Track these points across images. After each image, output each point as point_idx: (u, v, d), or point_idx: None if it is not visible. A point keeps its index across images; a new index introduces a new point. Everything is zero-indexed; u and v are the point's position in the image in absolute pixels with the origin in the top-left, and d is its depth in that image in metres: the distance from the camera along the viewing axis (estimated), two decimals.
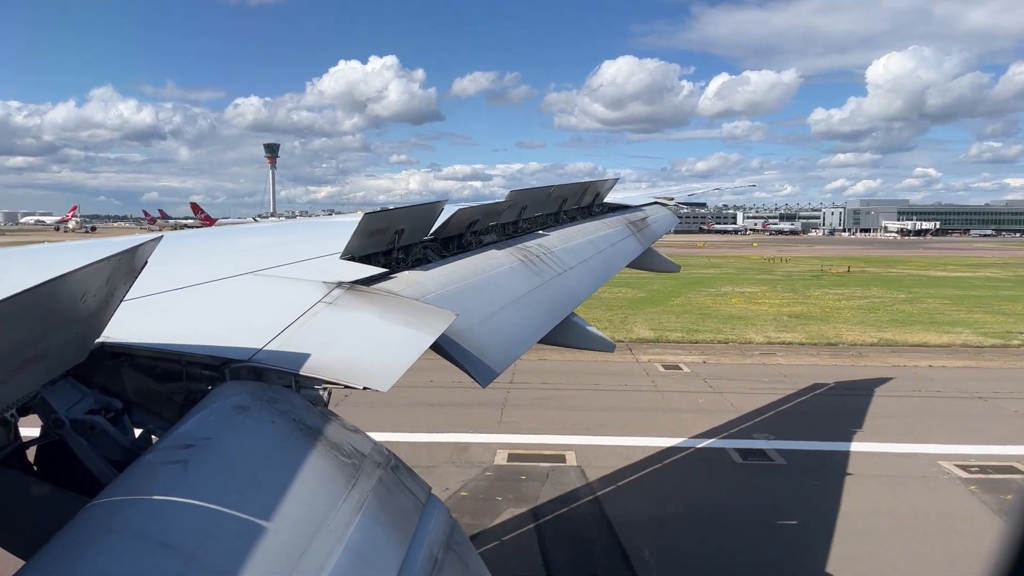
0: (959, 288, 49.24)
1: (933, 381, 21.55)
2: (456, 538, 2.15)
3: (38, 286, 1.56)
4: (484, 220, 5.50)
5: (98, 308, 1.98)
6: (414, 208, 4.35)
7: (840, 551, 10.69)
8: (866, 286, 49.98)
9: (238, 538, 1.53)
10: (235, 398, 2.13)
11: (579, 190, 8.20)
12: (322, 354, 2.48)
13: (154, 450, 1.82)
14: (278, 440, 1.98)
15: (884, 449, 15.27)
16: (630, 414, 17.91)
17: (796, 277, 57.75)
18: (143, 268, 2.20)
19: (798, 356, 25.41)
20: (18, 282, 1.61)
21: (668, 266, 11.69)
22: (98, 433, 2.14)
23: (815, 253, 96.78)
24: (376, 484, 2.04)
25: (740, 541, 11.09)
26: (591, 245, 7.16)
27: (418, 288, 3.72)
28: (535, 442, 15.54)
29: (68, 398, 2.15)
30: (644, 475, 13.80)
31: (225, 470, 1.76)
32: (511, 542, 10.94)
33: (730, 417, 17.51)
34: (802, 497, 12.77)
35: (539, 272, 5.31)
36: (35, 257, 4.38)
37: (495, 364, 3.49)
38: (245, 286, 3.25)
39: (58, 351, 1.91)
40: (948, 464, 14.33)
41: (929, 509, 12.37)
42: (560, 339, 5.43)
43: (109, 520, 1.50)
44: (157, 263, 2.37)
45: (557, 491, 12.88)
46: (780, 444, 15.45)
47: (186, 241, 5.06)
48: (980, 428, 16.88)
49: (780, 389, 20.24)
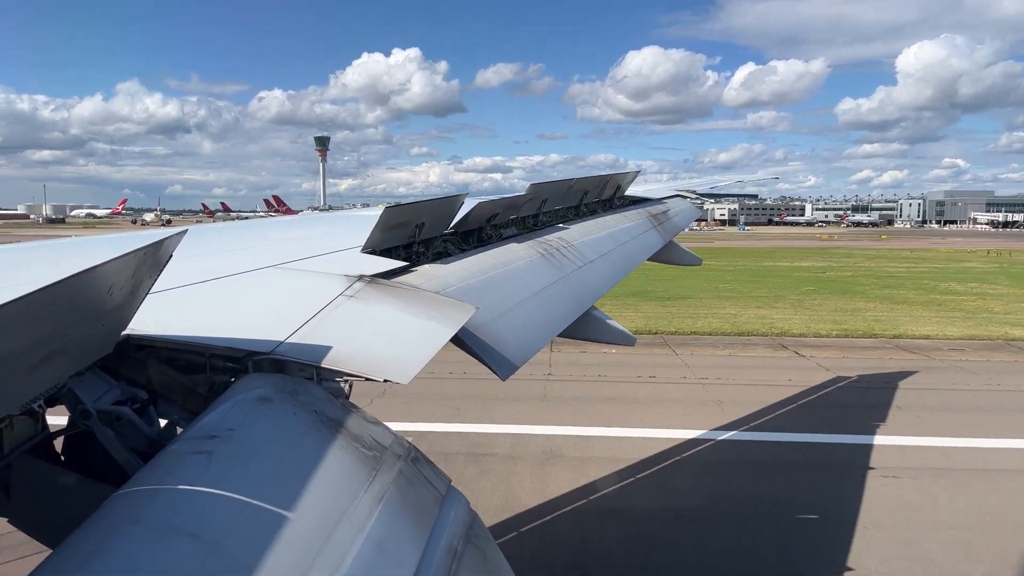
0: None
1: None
2: (476, 530, 2.16)
3: (65, 280, 1.58)
4: (504, 214, 5.49)
5: (124, 301, 2.01)
6: (434, 202, 4.36)
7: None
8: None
9: (261, 528, 1.55)
10: (258, 390, 2.15)
11: (600, 183, 8.16)
12: (343, 347, 2.50)
13: (179, 441, 1.85)
14: (300, 432, 2.00)
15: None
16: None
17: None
18: (168, 262, 2.23)
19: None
20: (46, 276, 1.64)
21: (690, 259, 11.60)
22: (124, 424, 2.17)
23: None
24: (396, 476, 2.05)
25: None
26: (611, 238, 7.13)
27: (438, 282, 3.73)
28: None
29: (95, 389, 2.18)
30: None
31: (248, 461, 1.78)
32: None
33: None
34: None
35: (559, 265, 5.30)
36: (62, 251, 4.45)
37: (515, 357, 3.49)
38: (268, 279, 3.27)
39: (85, 343, 1.94)
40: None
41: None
42: (580, 333, 5.42)
43: (135, 510, 1.52)
44: (182, 256, 2.39)
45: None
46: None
47: (210, 235, 5.11)
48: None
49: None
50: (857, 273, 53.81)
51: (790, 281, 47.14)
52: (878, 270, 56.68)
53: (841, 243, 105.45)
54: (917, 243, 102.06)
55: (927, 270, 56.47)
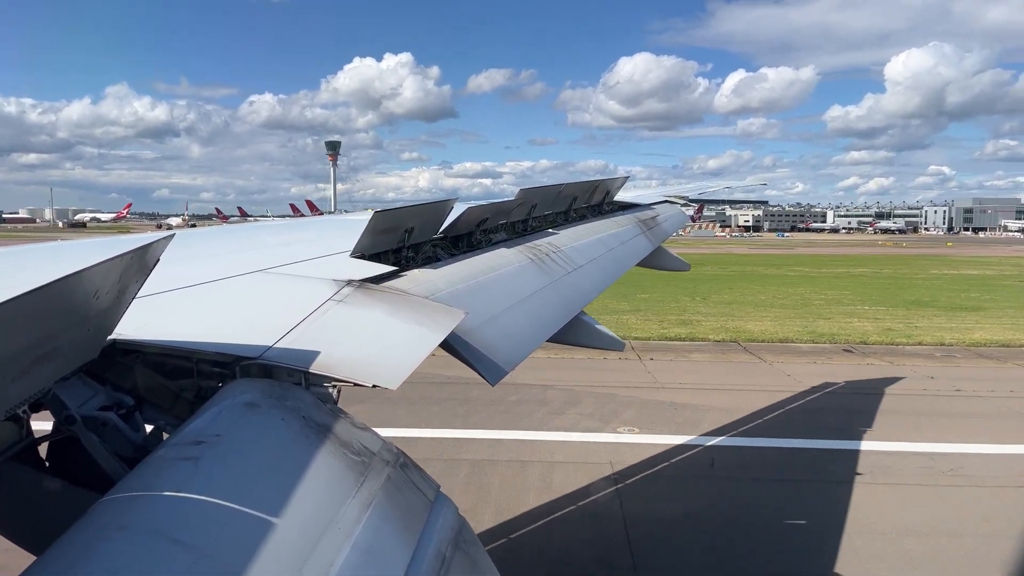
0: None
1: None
2: (465, 536, 2.15)
3: (50, 284, 1.57)
4: (494, 219, 5.49)
5: (110, 306, 1.99)
6: (423, 206, 4.36)
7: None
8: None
9: (248, 535, 1.54)
10: (245, 395, 2.14)
11: (589, 188, 8.19)
12: (332, 352, 2.49)
13: (165, 447, 1.83)
14: (287, 437, 1.99)
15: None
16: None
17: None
18: (155, 266, 2.22)
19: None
20: (30, 279, 1.62)
21: (678, 265, 11.63)
22: (110, 430, 2.15)
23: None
24: (385, 482, 2.05)
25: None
26: (601, 243, 7.15)
27: (427, 286, 3.73)
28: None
29: (80, 395, 2.17)
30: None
31: (235, 467, 1.77)
32: None
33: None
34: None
35: (548, 271, 5.31)
36: (47, 255, 4.41)
37: (504, 363, 3.50)
38: (256, 284, 3.26)
39: (70, 348, 1.93)
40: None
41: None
42: (570, 338, 5.43)
43: (120, 516, 1.51)
44: (169, 261, 2.38)
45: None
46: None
47: (197, 239, 5.08)
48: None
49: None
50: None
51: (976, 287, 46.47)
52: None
53: (911, 250, 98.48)
54: (979, 251, 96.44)
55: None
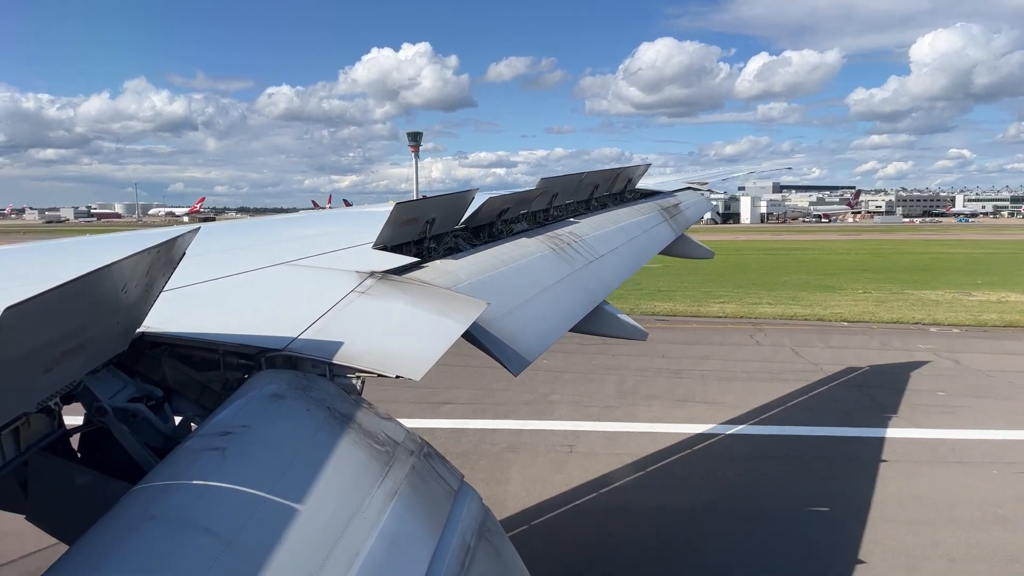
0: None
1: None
2: (489, 526, 2.16)
3: (80, 277, 1.59)
4: (515, 208, 5.48)
5: (138, 299, 2.02)
6: (445, 197, 4.36)
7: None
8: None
9: (275, 524, 1.56)
10: (271, 387, 2.17)
11: (611, 176, 8.13)
12: (355, 343, 2.51)
13: (193, 437, 1.86)
14: (313, 428, 2.01)
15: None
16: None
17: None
18: (182, 259, 2.24)
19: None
20: (61, 274, 1.65)
21: (702, 252, 11.52)
22: (139, 421, 2.19)
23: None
24: (409, 472, 2.06)
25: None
26: (622, 232, 7.10)
27: (449, 277, 3.73)
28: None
29: (110, 387, 2.20)
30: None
31: (262, 457, 1.79)
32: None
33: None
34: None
35: (570, 260, 5.29)
36: (77, 249, 4.48)
37: (527, 353, 3.50)
38: (280, 276, 3.29)
39: (100, 341, 1.96)
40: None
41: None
42: (592, 327, 5.41)
43: (150, 506, 1.54)
44: (195, 254, 2.41)
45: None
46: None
47: (222, 233, 5.13)
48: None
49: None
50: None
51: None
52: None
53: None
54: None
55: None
